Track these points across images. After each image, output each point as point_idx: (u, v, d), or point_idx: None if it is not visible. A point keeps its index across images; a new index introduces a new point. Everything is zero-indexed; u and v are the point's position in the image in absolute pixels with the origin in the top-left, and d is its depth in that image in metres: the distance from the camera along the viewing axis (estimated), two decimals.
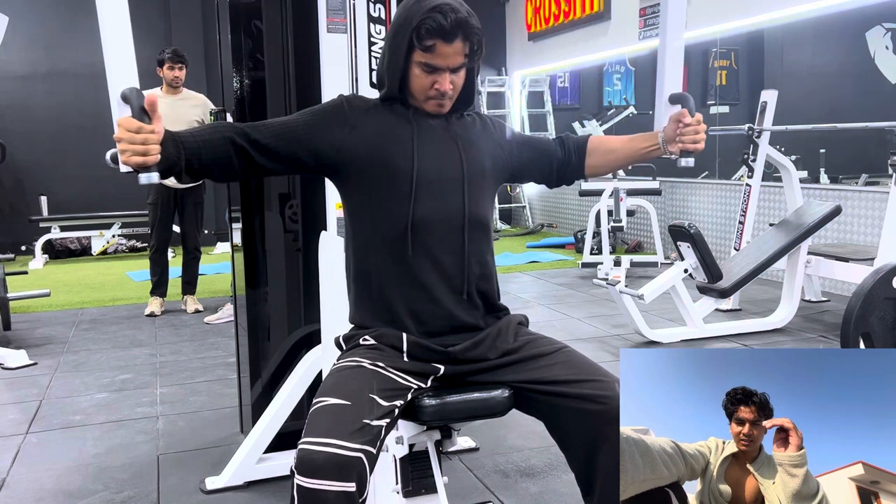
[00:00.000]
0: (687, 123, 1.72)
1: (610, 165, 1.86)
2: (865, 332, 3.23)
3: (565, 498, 2.36)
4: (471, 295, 1.65)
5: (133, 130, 1.37)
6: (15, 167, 8.22)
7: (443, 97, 1.61)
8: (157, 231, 5.08)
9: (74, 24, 8.20)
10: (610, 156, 1.83)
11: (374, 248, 1.63)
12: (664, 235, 6.13)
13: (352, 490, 1.32)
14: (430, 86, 1.59)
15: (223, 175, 1.57)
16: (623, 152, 1.83)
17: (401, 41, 1.56)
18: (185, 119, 4.87)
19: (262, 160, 1.57)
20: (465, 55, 1.58)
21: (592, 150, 1.83)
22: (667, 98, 1.87)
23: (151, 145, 1.38)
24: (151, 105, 1.40)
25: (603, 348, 4.04)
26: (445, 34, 1.53)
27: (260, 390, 2.64)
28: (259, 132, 1.57)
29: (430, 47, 1.54)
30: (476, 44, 1.57)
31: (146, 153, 1.37)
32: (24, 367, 3.90)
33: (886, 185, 4.38)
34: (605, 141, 1.85)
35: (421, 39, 1.53)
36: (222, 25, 2.60)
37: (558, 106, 9.49)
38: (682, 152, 1.74)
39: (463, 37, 1.55)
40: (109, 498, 2.43)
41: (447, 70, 1.57)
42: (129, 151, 1.37)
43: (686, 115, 1.73)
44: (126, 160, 1.37)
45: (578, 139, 1.85)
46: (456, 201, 1.63)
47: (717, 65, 7.19)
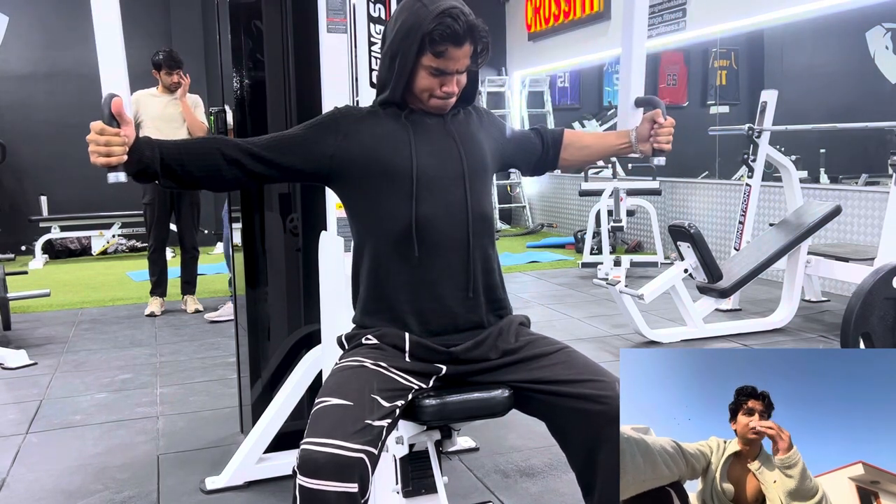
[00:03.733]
0: (661, 124, 1.84)
1: (582, 160, 1.95)
2: (865, 332, 3.23)
3: (565, 498, 2.36)
4: (476, 291, 1.66)
5: (97, 132, 1.45)
6: (15, 167, 8.21)
7: (449, 98, 1.63)
8: (154, 231, 5.07)
9: (74, 24, 8.19)
10: (583, 151, 1.93)
11: (379, 248, 1.64)
12: (664, 235, 6.13)
13: (354, 490, 1.33)
14: (436, 88, 1.61)
15: (213, 184, 1.61)
16: (596, 148, 1.94)
17: (410, 44, 1.56)
18: (179, 119, 4.87)
19: (258, 167, 1.60)
20: (471, 57, 1.60)
21: (567, 145, 1.91)
22: (632, 101, 2.05)
23: (114, 147, 1.45)
24: (118, 110, 1.48)
25: (603, 348, 4.04)
26: (457, 39, 1.54)
27: (260, 390, 2.64)
28: (254, 143, 1.61)
29: (442, 52, 1.55)
30: (482, 46, 1.60)
31: (109, 154, 1.45)
32: (24, 367, 3.90)
33: (886, 185, 4.38)
34: (579, 136, 1.93)
35: (434, 45, 1.54)
36: (222, 25, 2.60)
37: (558, 106, 9.49)
38: (654, 151, 1.87)
39: (472, 40, 1.57)
40: (109, 498, 2.43)
41: (454, 73, 1.59)
42: (95, 152, 1.46)
43: (660, 115, 1.85)
44: (92, 160, 1.47)
45: (555, 132, 1.91)
46: (458, 197, 1.64)
47: (717, 65, 7.19)
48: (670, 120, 1.85)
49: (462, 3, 1.60)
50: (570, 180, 8.24)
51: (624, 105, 2.12)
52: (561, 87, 9.54)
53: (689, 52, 7.62)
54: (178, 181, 1.57)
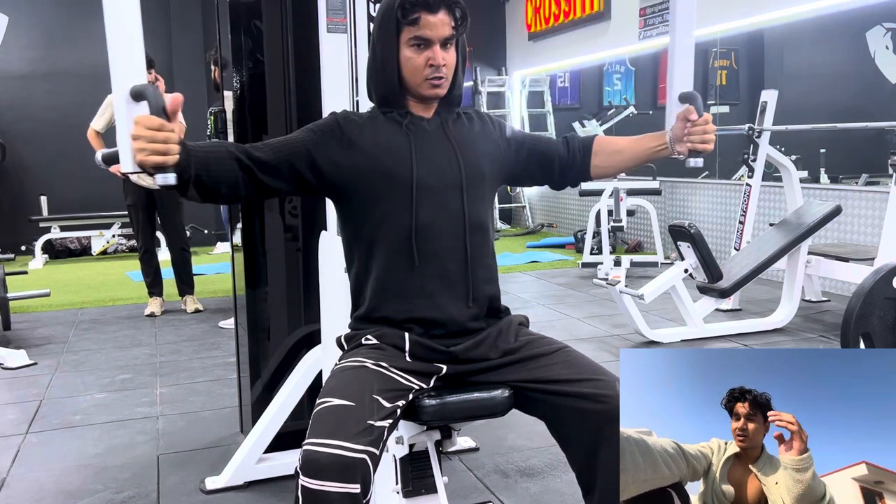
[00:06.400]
0: (694, 122, 1.68)
1: (616, 166, 1.81)
2: (865, 332, 3.23)
3: (565, 498, 2.36)
4: (475, 300, 1.65)
5: (154, 128, 1.31)
6: (15, 167, 8.22)
7: (439, 72, 1.59)
8: (141, 233, 5.06)
9: (74, 24, 8.20)
10: (616, 156, 1.79)
11: (376, 256, 1.63)
12: (664, 235, 6.13)
13: (356, 491, 1.32)
14: (424, 64, 1.58)
15: (230, 193, 1.52)
16: (630, 152, 1.78)
17: (387, 27, 1.58)
18: None
19: (266, 178, 1.55)
20: (452, 27, 1.59)
21: (598, 151, 1.79)
22: (677, 97, 1.81)
23: (172, 144, 1.33)
24: (175, 105, 1.36)
25: (603, 348, 4.04)
26: (428, 5, 1.55)
27: (260, 390, 2.64)
28: (260, 150, 1.55)
29: (416, 20, 1.55)
30: (461, 13, 1.59)
31: (167, 152, 1.33)
32: (24, 367, 3.90)
33: (886, 185, 4.38)
34: (611, 141, 1.81)
35: (406, 15, 1.55)
36: (222, 25, 2.60)
37: (558, 106, 9.49)
38: (690, 152, 1.70)
39: (447, 7, 1.57)
40: (109, 498, 2.43)
41: (437, 42, 1.58)
42: (147, 150, 1.31)
43: (693, 112, 1.69)
44: (143, 159, 1.32)
45: (584, 139, 1.82)
46: (455, 207, 1.63)
47: (717, 65, 7.19)
48: (706, 116, 1.69)
49: None
50: None
51: (670, 101, 1.88)
52: (561, 87, 9.54)
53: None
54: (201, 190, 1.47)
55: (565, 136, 1.83)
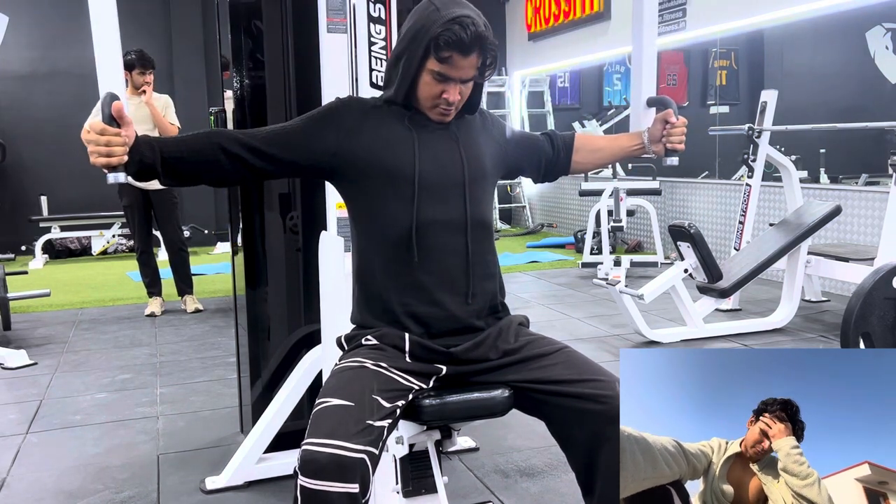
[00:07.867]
0: (673, 124, 1.83)
1: (594, 163, 1.94)
2: (865, 332, 3.23)
3: (565, 498, 2.36)
4: (475, 297, 1.65)
5: (97, 132, 1.44)
6: (15, 167, 8.21)
7: (449, 107, 1.61)
8: (138, 233, 5.06)
9: (74, 24, 8.18)
10: (595, 154, 1.91)
11: (378, 250, 1.64)
12: (664, 235, 6.13)
13: (355, 491, 1.33)
14: (438, 94, 1.59)
15: (214, 179, 1.61)
16: (608, 151, 1.92)
17: (416, 47, 1.56)
18: (151, 121, 4.78)
19: (259, 163, 1.60)
20: (477, 68, 1.58)
21: (579, 148, 1.89)
22: (644, 101, 2.02)
23: (115, 147, 1.45)
24: (118, 111, 1.46)
25: (603, 348, 4.04)
26: (464, 47, 1.53)
27: (260, 390, 2.64)
28: (254, 138, 1.60)
29: (447, 59, 1.54)
30: (490, 59, 1.58)
31: (109, 154, 1.45)
32: (24, 367, 3.90)
33: (886, 185, 4.38)
34: (591, 139, 1.92)
35: (438, 50, 1.53)
36: (222, 25, 2.60)
37: (558, 106, 9.49)
38: (667, 151, 1.86)
39: (479, 51, 1.56)
40: (109, 498, 2.43)
41: (458, 81, 1.58)
42: (95, 153, 1.45)
43: (671, 115, 1.83)
44: (92, 161, 1.47)
45: (566, 136, 1.90)
46: (457, 203, 1.63)
47: (717, 65, 7.19)
48: (682, 119, 1.84)
49: (478, 13, 1.57)
50: (569, 180, 8.23)
51: (636, 106, 2.10)
52: (561, 88, 9.53)
53: (689, 52, 7.61)
54: (179, 178, 1.57)
55: (547, 133, 1.90)
